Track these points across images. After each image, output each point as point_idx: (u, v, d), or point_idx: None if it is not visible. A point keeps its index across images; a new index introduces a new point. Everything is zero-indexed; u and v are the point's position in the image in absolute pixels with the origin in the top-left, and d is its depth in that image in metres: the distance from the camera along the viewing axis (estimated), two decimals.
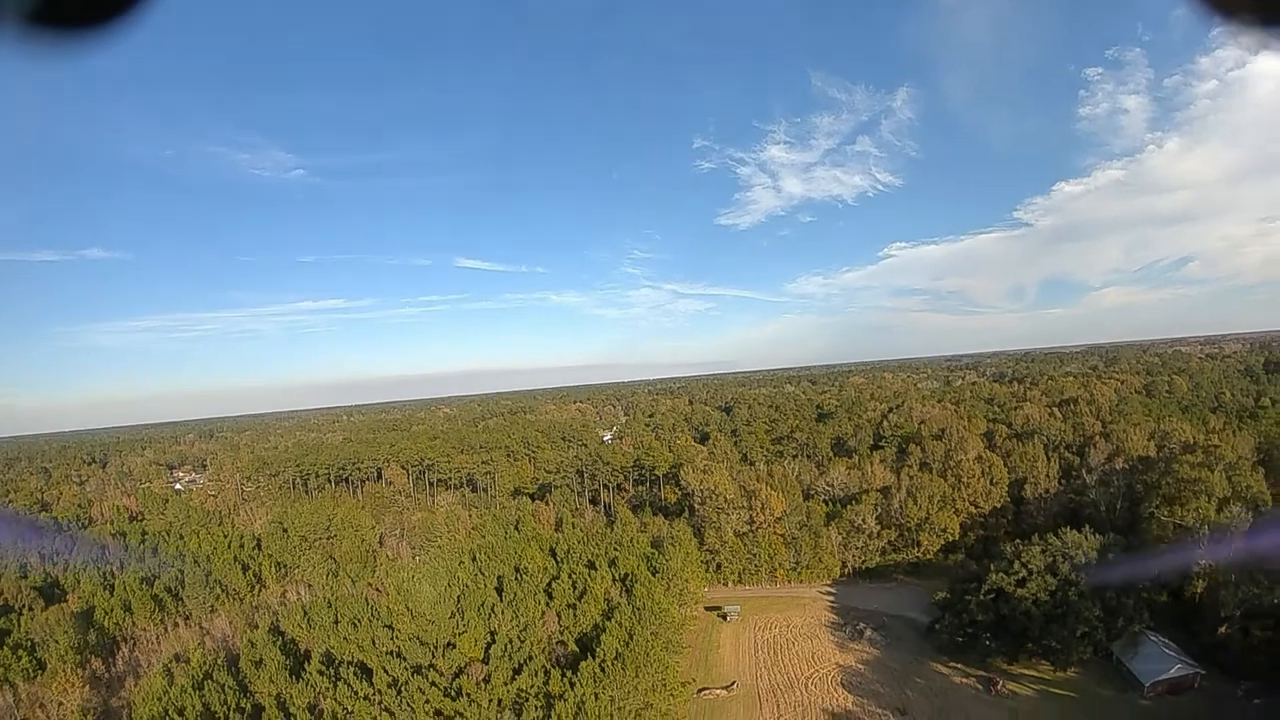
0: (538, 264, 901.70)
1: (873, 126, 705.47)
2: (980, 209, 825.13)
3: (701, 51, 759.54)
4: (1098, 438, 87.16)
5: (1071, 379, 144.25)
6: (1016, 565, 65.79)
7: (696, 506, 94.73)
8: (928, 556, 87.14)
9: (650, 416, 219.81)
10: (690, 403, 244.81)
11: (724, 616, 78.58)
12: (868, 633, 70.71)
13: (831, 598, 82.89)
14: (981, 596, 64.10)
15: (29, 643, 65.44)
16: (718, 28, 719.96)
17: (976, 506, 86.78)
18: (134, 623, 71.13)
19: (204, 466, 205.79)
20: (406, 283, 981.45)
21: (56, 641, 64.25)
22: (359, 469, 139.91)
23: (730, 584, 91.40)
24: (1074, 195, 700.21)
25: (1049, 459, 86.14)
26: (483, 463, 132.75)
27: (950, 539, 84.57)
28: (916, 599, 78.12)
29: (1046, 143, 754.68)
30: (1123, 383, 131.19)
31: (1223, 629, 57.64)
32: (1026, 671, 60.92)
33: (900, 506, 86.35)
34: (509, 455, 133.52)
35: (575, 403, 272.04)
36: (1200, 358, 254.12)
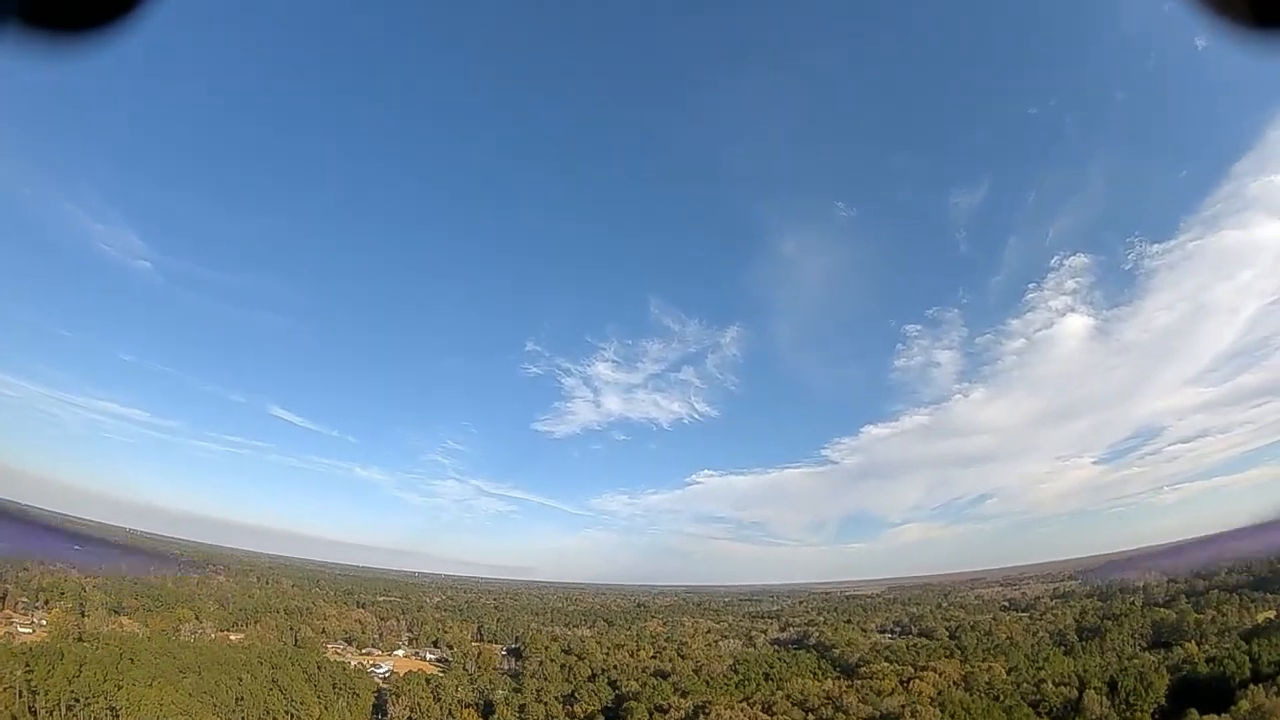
0: (350, 432, 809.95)
1: (699, 358, 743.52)
2: (790, 446, 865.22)
3: (548, 259, 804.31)
4: None
5: (888, 665, 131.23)
6: None
7: None
8: None
9: (434, 645, 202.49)
10: (480, 633, 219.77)
11: None
12: None
13: None
14: None
15: None
16: (567, 239, 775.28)
17: None
18: None
19: None
20: (217, 417, 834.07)
21: None
22: (90, 709, 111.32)
23: None
24: (880, 437, 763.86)
25: None
26: None
27: None
28: None
29: (860, 389, 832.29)
30: (941, 675, 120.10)
31: None
32: None
33: None
34: (268, 713, 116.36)
35: (358, 608, 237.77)
36: (1004, 605, 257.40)
